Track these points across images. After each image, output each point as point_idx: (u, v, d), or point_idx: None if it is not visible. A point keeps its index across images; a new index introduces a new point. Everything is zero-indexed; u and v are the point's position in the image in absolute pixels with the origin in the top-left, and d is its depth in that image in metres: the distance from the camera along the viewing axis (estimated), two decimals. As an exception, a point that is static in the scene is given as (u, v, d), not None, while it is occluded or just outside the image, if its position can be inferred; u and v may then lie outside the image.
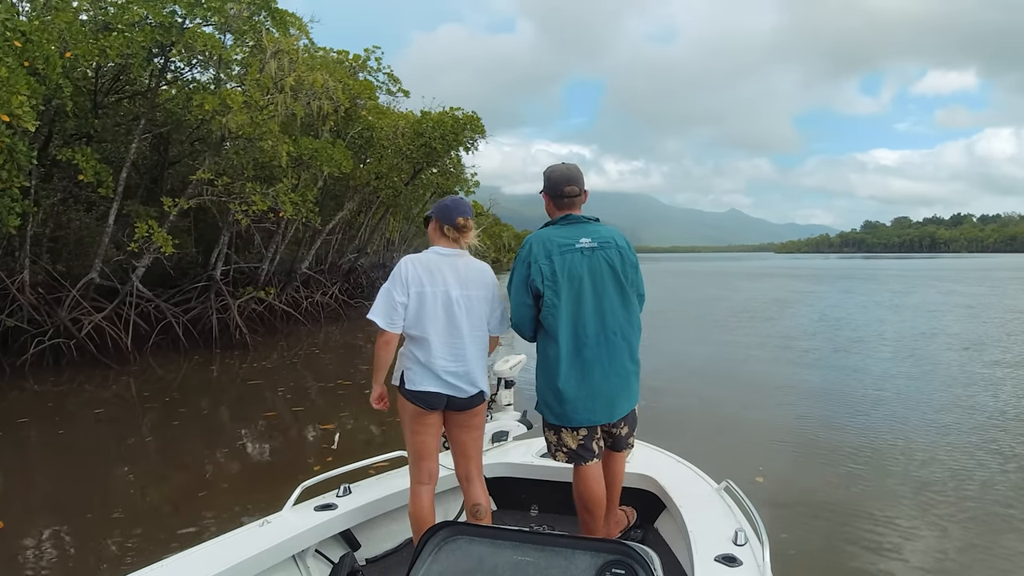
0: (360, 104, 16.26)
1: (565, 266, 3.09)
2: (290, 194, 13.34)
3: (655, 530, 3.71)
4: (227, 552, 2.71)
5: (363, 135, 18.01)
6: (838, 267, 75.82)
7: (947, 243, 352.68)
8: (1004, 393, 9.29)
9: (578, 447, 3.21)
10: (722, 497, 3.27)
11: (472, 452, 3.22)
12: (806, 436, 7.28)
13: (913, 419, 7.92)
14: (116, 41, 11.13)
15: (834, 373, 10.94)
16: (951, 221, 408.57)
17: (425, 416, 3.08)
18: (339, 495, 3.35)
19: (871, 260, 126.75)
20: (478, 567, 2.02)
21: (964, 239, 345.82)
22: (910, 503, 5.40)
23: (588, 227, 3.18)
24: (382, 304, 3.01)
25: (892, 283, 39.41)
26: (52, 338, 11.90)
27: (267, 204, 12.96)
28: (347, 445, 7.32)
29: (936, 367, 11.37)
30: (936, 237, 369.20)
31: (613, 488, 3.41)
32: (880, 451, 6.70)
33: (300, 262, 19.09)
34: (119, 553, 4.63)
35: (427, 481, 3.17)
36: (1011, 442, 6.96)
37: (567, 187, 3.20)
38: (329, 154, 14.00)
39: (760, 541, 2.70)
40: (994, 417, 7.99)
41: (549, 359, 3.16)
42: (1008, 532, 4.86)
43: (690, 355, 12.87)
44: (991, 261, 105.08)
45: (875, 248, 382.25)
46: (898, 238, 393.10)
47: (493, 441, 4.13)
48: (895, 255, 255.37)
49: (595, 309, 3.12)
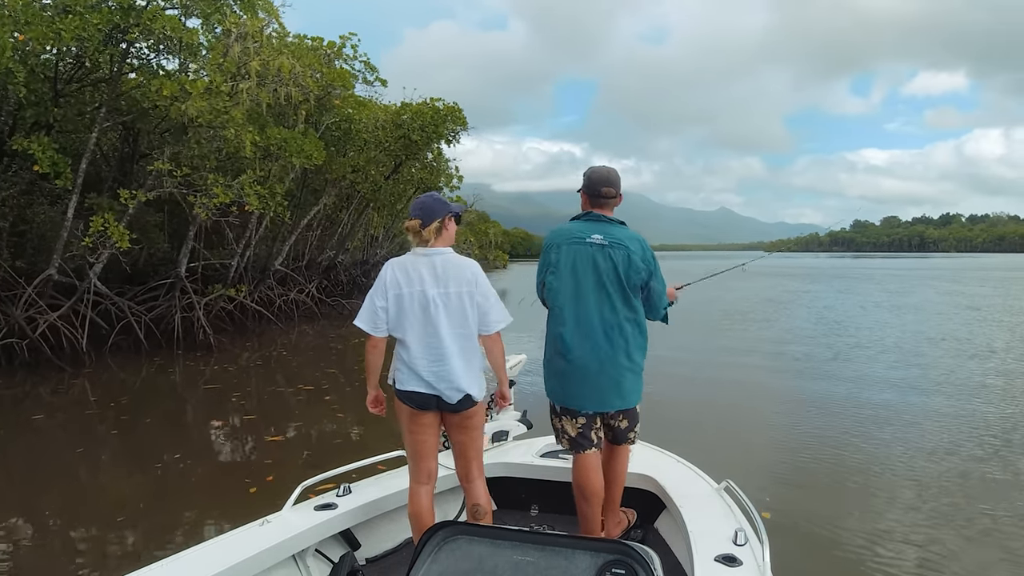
0: (335, 93, 15.44)
1: (571, 256, 3.27)
2: (256, 186, 12.62)
3: (655, 530, 3.73)
4: (227, 552, 2.71)
5: (340, 127, 17.29)
6: (830, 266, 75.11)
7: (936, 243, 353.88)
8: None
9: (577, 435, 3.34)
10: (722, 497, 3.28)
11: (471, 453, 3.21)
12: (807, 466, 6.44)
13: (922, 442, 7.07)
14: (71, 23, 10.41)
15: (833, 386, 9.99)
16: (940, 221, 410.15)
17: (418, 416, 3.10)
18: (339, 495, 3.35)
19: (862, 259, 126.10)
20: (478, 567, 2.01)
21: (953, 239, 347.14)
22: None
23: (606, 226, 3.32)
24: (366, 310, 3.10)
25: (888, 283, 38.61)
26: (5, 338, 11.20)
27: (229, 197, 12.23)
28: (298, 455, 6.65)
29: (948, 376, 10.41)
30: (925, 237, 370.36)
31: (615, 486, 3.46)
32: (891, 483, 5.91)
33: (274, 258, 18.37)
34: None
35: (426, 481, 3.19)
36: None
37: (604, 188, 3.35)
38: (299, 145, 13.27)
39: (760, 541, 2.71)
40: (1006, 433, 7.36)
41: (552, 337, 3.35)
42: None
43: (676, 364, 11.22)
44: (986, 261, 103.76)
45: (864, 247, 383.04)
46: (887, 237, 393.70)
47: (493, 441, 4.18)
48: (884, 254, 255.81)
49: (596, 301, 3.25)
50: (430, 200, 3.19)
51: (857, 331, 16.17)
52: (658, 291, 3.37)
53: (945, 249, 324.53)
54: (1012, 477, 5.93)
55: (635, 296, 3.29)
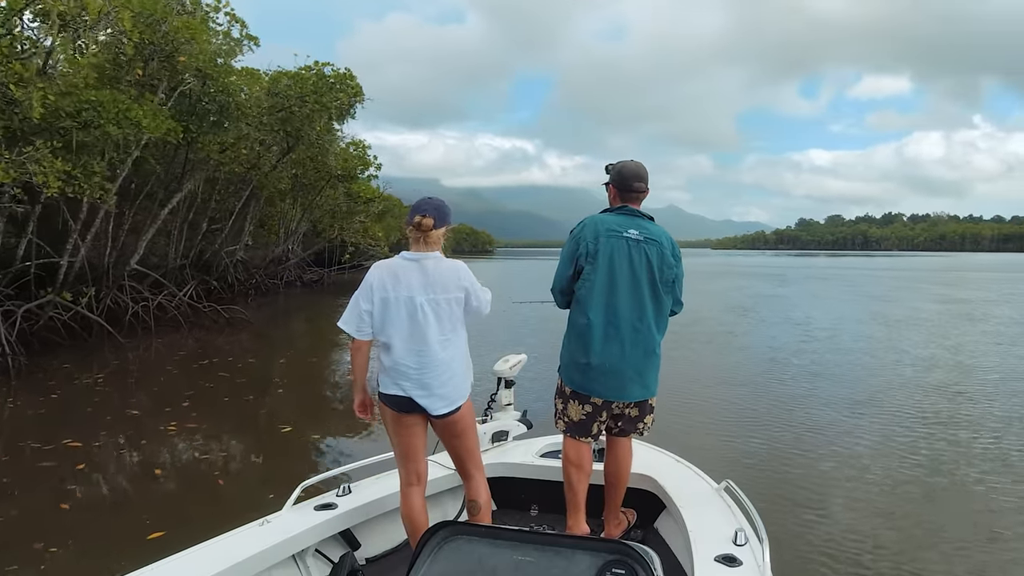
0: (184, 49, 12.13)
1: (609, 248, 3.27)
2: (55, 162, 9.47)
3: (655, 530, 3.71)
4: (227, 552, 2.70)
5: (214, 98, 14.12)
6: (785, 265, 73.27)
7: (879, 241, 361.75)
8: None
9: (579, 421, 3.36)
10: (722, 497, 3.28)
11: (463, 454, 3.20)
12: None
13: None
14: None
15: (853, 443, 6.90)
16: (883, 220, 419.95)
17: (402, 418, 3.09)
18: (339, 494, 3.34)
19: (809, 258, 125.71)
20: (478, 567, 1.98)
21: (895, 237, 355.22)
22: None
23: (640, 221, 3.36)
24: (350, 312, 3.05)
25: (866, 285, 35.09)
26: None
27: (12, 175, 9.07)
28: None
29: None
30: (868, 235, 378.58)
31: (618, 486, 3.47)
32: None
33: (131, 256, 15.09)
34: None
35: (416, 482, 3.16)
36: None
37: (636, 183, 3.40)
38: (121, 110, 10.14)
39: (760, 541, 2.72)
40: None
41: (579, 328, 3.30)
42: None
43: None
44: (952, 261, 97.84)
45: (809, 245, 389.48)
46: (832, 236, 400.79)
47: (493, 441, 4.15)
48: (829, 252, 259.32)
49: (628, 295, 3.25)
50: (442, 204, 3.14)
51: (856, 355, 12.35)
52: (681, 285, 3.42)
53: (888, 248, 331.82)
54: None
55: (665, 292, 3.32)
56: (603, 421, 3.37)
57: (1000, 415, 8.14)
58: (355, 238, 30.78)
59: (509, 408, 4.34)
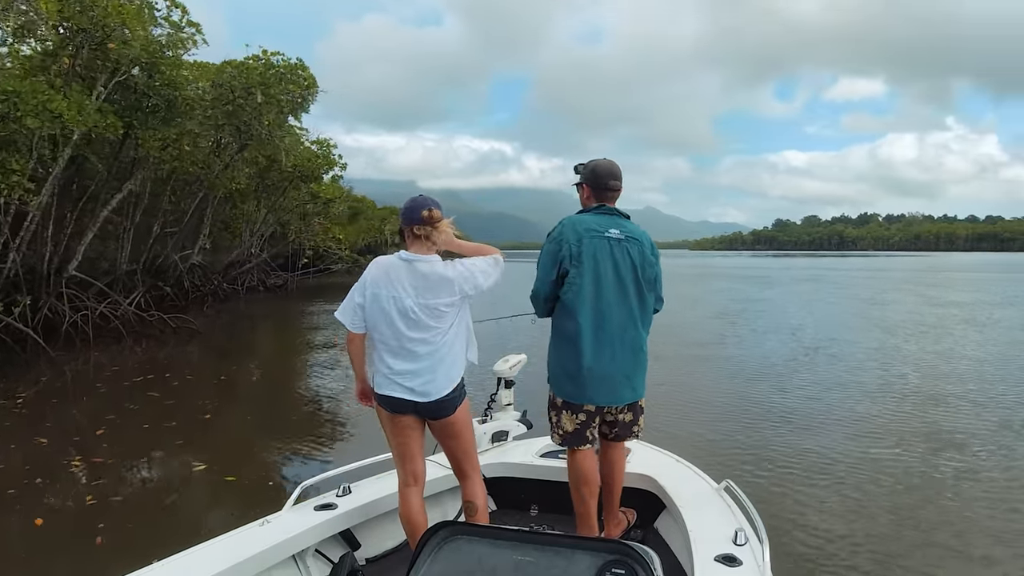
0: (119, 36, 11.07)
1: (592, 249, 3.19)
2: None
3: (655, 530, 3.70)
4: (227, 552, 2.68)
5: (159, 91, 13.08)
6: (766, 266, 72.35)
7: (854, 241, 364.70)
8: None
9: (574, 431, 3.31)
10: (722, 497, 3.27)
11: (459, 454, 3.17)
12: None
13: None
14: None
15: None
16: (858, 220, 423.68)
17: (397, 418, 3.05)
18: (339, 495, 3.33)
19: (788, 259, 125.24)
20: (478, 567, 1.96)
21: (871, 237, 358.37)
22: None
23: (619, 220, 3.31)
24: (346, 304, 3.05)
25: (853, 287, 33.64)
26: None
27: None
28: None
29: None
30: (844, 236, 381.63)
31: (613, 489, 3.45)
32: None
33: (68, 261, 14.01)
34: None
35: (413, 483, 3.13)
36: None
37: (611, 180, 3.33)
38: (41, 101, 9.13)
39: (760, 541, 2.70)
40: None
41: (567, 335, 3.23)
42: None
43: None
44: (931, 261, 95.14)
45: (786, 245, 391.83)
46: (808, 236, 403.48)
47: (493, 441, 4.15)
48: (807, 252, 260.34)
49: (615, 296, 3.20)
50: (423, 199, 3.02)
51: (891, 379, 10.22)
52: (661, 282, 3.37)
53: (863, 248, 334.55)
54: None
55: (648, 290, 3.29)
56: (595, 427, 3.33)
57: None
58: (314, 240, 29.60)
59: (509, 408, 4.36)
